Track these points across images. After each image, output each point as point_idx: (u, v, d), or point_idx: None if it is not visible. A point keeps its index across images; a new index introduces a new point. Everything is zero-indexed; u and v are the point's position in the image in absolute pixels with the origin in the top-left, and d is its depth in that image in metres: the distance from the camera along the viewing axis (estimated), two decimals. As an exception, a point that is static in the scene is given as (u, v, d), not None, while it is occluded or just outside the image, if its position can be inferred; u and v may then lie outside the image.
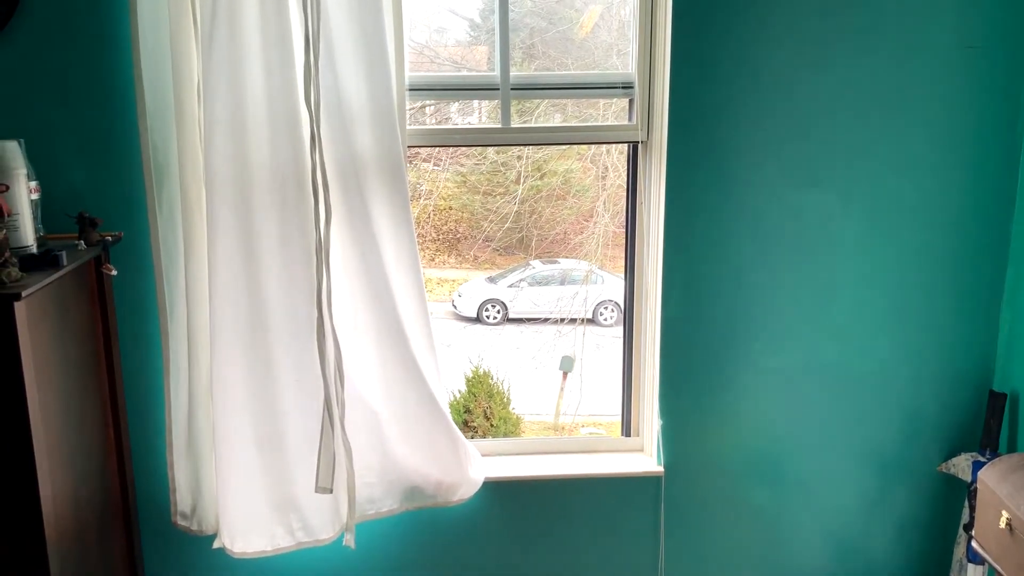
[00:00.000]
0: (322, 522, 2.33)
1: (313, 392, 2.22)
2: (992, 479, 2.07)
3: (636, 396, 2.64)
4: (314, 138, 2.07)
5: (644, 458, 2.61)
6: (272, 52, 2.04)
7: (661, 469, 2.53)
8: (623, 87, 2.45)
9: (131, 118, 2.17)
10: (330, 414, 2.17)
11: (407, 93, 2.30)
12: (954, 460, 2.52)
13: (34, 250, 1.90)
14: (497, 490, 2.49)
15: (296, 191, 2.12)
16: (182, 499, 2.34)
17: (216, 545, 2.31)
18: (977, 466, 2.41)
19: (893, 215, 2.41)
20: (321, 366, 2.16)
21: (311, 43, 2.02)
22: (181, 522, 2.35)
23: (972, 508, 2.40)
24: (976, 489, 2.20)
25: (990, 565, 2.25)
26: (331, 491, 2.21)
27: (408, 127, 2.32)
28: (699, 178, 2.35)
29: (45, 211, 2.07)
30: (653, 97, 2.41)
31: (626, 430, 2.70)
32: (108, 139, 2.19)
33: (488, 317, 6.13)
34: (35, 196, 2.00)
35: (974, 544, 2.15)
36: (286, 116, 2.08)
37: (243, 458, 2.24)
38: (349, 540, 2.31)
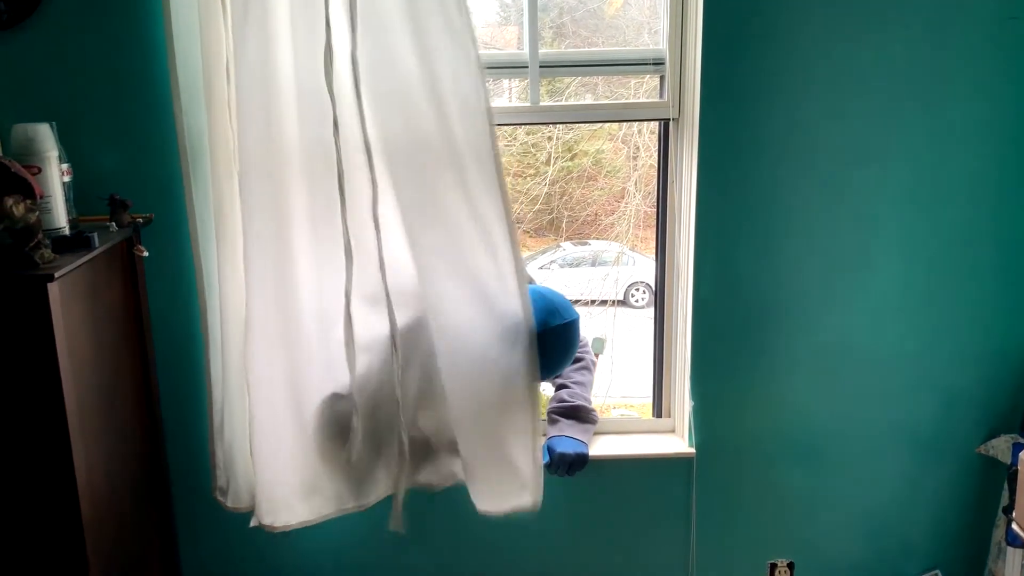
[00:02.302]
0: (357, 490, 2.32)
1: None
2: (1033, 461, 2.03)
3: (668, 377, 2.62)
4: (362, 116, 2.02)
5: (676, 439, 2.60)
6: (301, 28, 2.00)
7: (693, 450, 2.51)
8: (654, 63, 2.41)
9: (162, 100, 2.17)
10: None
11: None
12: (993, 442, 2.47)
13: (66, 232, 1.92)
14: (527, 471, 2.48)
15: (326, 171, 2.07)
16: (220, 475, 2.34)
17: (253, 523, 2.30)
18: (1018, 448, 2.37)
19: (931, 191, 2.35)
20: (347, 354, 2.14)
21: (352, 19, 1.97)
22: (219, 496, 2.35)
23: (1012, 490, 2.35)
24: (1017, 471, 2.16)
25: (1030, 548, 2.21)
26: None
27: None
28: (731, 156, 2.31)
29: (77, 193, 2.09)
30: (684, 73, 2.36)
31: (657, 411, 2.68)
32: (139, 121, 2.20)
33: (519, 299, 6.11)
34: (67, 178, 2.02)
35: (1014, 527, 2.11)
36: (315, 95, 2.04)
37: (281, 433, 2.21)
38: (397, 526, 2.29)
